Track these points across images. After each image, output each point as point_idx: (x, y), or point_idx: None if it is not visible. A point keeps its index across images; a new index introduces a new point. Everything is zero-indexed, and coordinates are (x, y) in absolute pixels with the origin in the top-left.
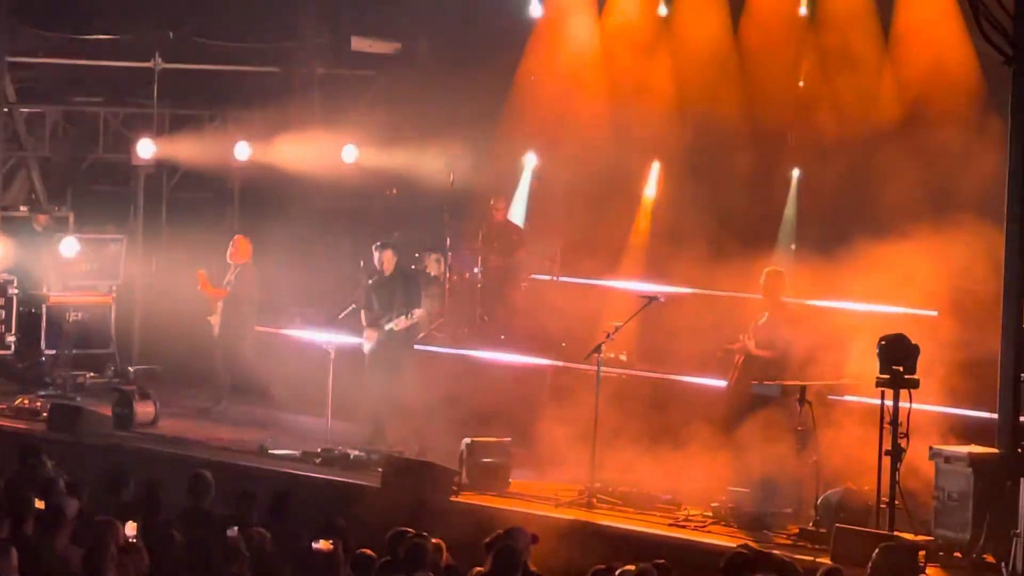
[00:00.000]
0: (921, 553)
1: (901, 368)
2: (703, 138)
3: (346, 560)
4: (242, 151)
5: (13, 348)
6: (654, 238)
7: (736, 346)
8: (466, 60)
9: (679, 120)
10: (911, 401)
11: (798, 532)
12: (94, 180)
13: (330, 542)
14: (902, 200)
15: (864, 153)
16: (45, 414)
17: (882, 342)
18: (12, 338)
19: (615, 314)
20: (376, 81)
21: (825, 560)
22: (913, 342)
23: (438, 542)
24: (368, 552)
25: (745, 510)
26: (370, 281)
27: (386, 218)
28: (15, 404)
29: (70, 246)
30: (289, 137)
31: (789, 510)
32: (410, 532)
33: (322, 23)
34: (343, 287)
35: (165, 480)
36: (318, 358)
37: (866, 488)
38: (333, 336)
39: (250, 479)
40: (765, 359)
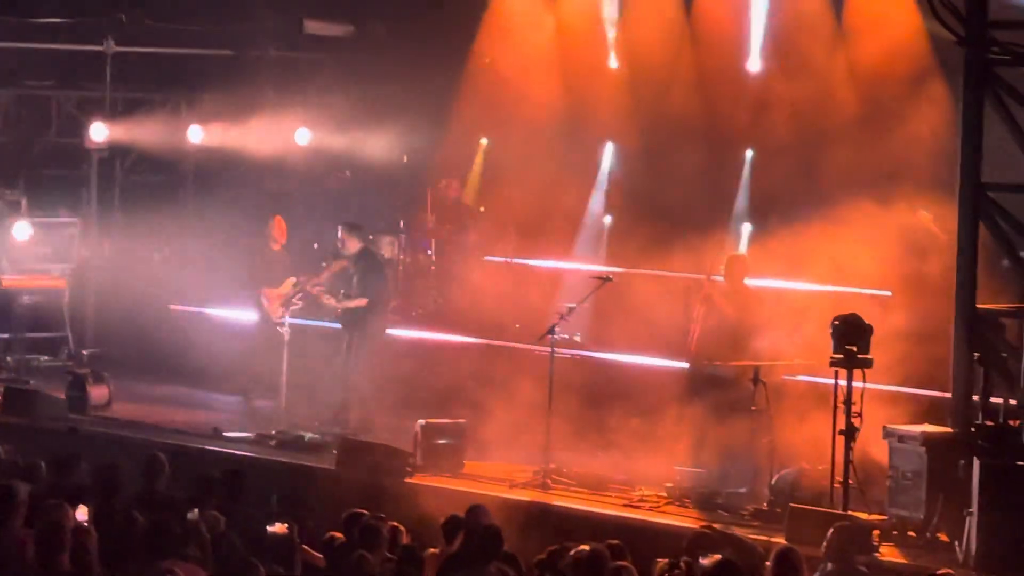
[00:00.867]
0: (875, 532)
1: (855, 348)
2: (656, 120)
3: (301, 542)
4: (195, 134)
5: None
6: (607, 219)
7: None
8: (419, 42)
9: (632, 102)
10: (864, 381)
11: (752, 512)
12: (47, 164)
13: (285, 525)
14: (856, 181)
15: (817, 135)
16: None
17: (835, 322)
18: None
19: (568, 295)
20: (329, 64)
21: (780, 540)
22: (867, 322)
23: (396, 525)
24: (334, 534)
25: (699, 490)
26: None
27: (340, 200)
28: None
29: (23, 230)
30: (242, 120)
31: (743, 490)
32: (365, 513)
33: (275, 6)
34: (298, 269)
35: (120, 463)
36: (274, 339)
37: (820, 468)
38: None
39: (205, 462)
40: (723, 327)
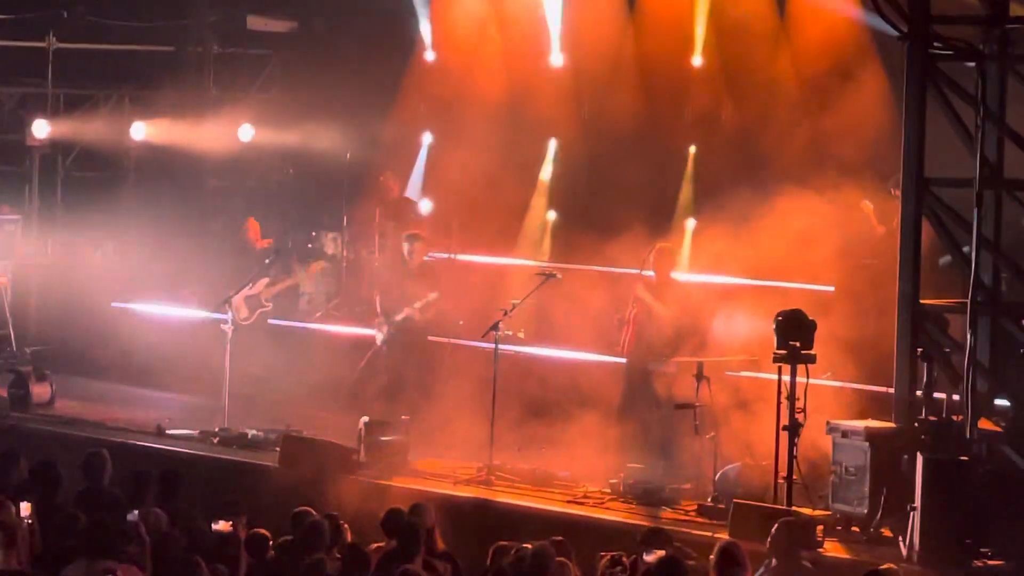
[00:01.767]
0: (819, 528)
1: (798, 343)
2: (600, 116)
3: (245, 540)
4: (138, 131)
5: None
6: (551, 215)
7: (629, 311)
8: (362, 38)
9: (576, 98)
10: (808, 376)
11: (696, 508)
12: None
13: (229, 522)
14: (799, 176)
15: (760, 129)
16: None
17: (779, 318)
18: None
19: (512, 292)
20: (272, 60)
21: (723, 535)
22: (810, 317)
23: (341, 522)
24: (264, 532)
25: (643, 486)
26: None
27: (283, 197)
28: None
29: None
30: (185, 116)
31: (687, 486)
32: (310, 511)
33: (217, 2)
34: (239, 266)
35: (62, 461)
36: (212, 336)
37: (764, 463)
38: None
39: (147, 459)
40: (655, 323)
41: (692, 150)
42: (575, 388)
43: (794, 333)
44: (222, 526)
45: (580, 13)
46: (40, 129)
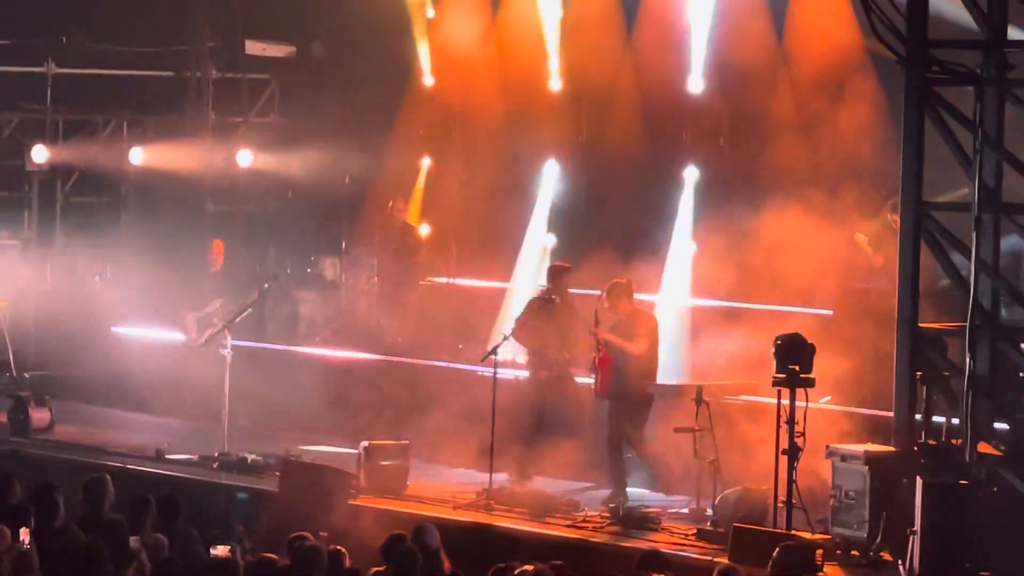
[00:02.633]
0: (819, 552)
1: (797, 367)
2: (598, 139)
3: (244, 565)
4: (136, 156)
5: None
6: (549, 239)
7: (595, 355)
8: (361, 63)
9: (573, 122)
10: (807, 400)
11: (696, 532)
12: None
13: (228, 547)
14: (798, 200)
15: (759, 153)
16: None
17: (778, 342)
18: None
19: (511, 316)
20: (270, 85)
21: (723, 560)
22: (809, 341)
23: (339, 548)
24: (270, 556)
25: (643, 511)
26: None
27: (282, 222)
28: None
29: None
30: (183, 141)
31: (687, 510)
32: (308, 536)
33: (215, 27)
34: (238, 291)
35: (61, 486)
36: (214, 361)
37: (763, 487)
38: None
39: (146, 484)
40: (636, 361)
41: (691, 173)
42: (576, 412)
43: (793, 357)
44: (221, 551)
45: (578, 37)
46: (39, 154)
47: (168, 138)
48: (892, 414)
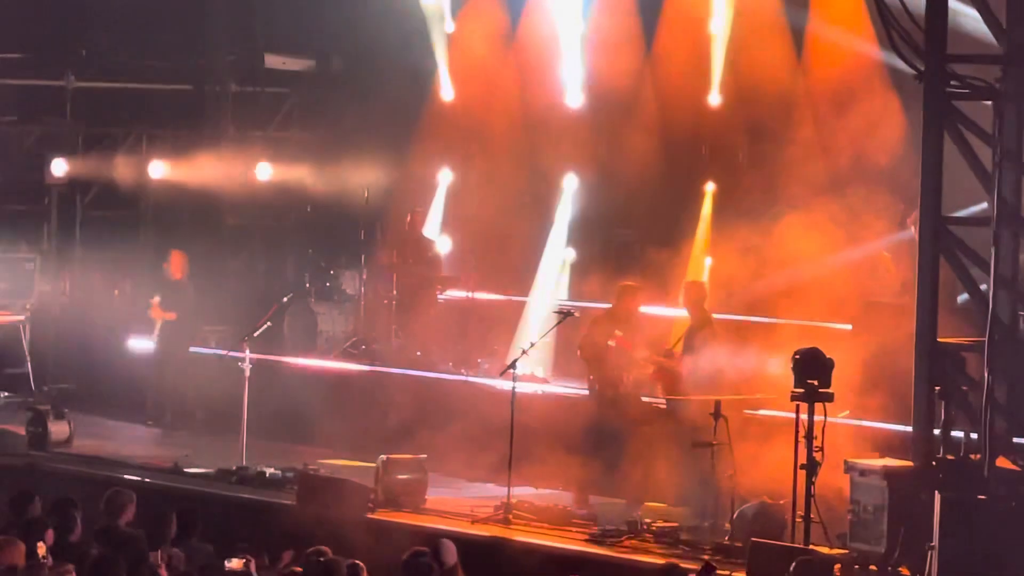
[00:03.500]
0: (837, 567)
1: (815, 382)
2: (617, 153)
3: None
4: (156, 169)
5: None
6: (569, 253)
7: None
8: (380, 77)
9: (593, 136)
10: (825, 415)
11: (714, 547)
12: (7, 199)
13: (243, 560)
14: (817, 214)
15: (778, 168)
16: None
17: (796, 356)
18: None
19: (531, 330)
20: (290, 98)
21: (741, 575)
22: (827, 356)
23: (356, 562)
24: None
25: (661, 525)
26: None
27: (301, 236)
28: None
29: None
30: (203, 155)
31: (705, 524)
32: (325, 551)
33: (235, 40)
34: (257, 305)
35: (80, 499)
36: (233, 375)
37: (782, 502)
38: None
39: (165, 498)
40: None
41: (710, 188)
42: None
43: (811, 371)
44: (235, 564)
45: (598, 52)
46: (58, 168)
47: (187, 152)
48: (911, 429)
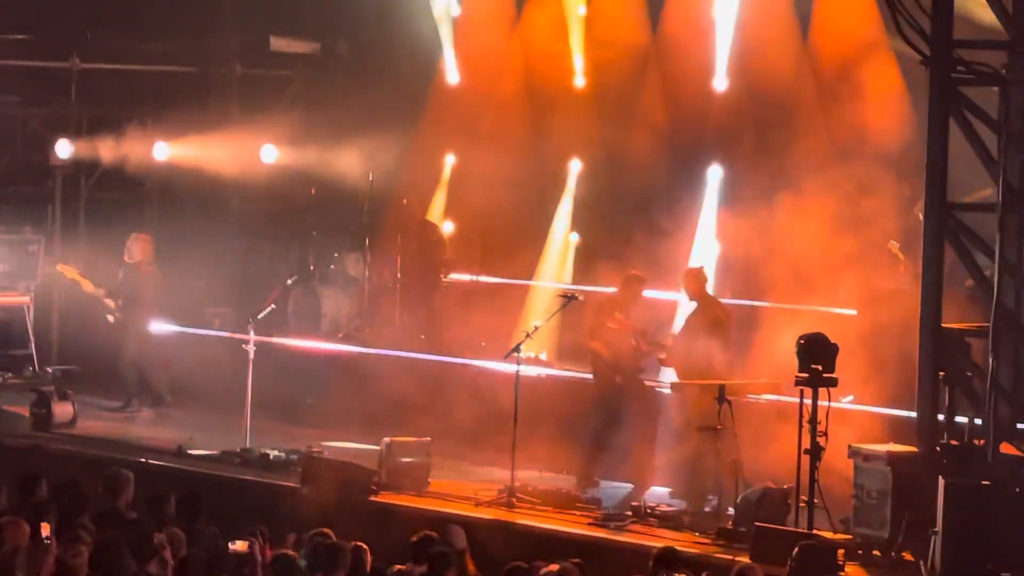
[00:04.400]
0: (840, 551)
1: (820, 367)
2: (622, 137)
3: (264, 561)
4: (161, 151)
5: None
6: (573, 237)
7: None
8: (385, 60)
9: (597, 119)
10: (829, 400)
11: (717, 531)
12: (11, 181)
13: (247, 543)
14: (822, 198)
15: (784, 153)
16: None
17: (801, 341)
18: None
19: (535, 313)
20: (295, 81)
21: (744, 559)
22: (832, 341)
23: (362, 545)
24: (289, 552)
25: (664, 509)
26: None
27: (305, 218)
28: None
29: None
30: (208, 137)
31: (708, 509)
32: (328, 533)
33: (241, 23)
34: (261, 287)
35: (83, 480)
36: (237, 357)
37: (785, 487)
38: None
39: (168, 480)
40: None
41: (714, 172)
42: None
43: (816, 356)
44: (239, 546)
45: (602, 35)
46: (63, 149)
47: (192, 134)
48: (915, 414)
